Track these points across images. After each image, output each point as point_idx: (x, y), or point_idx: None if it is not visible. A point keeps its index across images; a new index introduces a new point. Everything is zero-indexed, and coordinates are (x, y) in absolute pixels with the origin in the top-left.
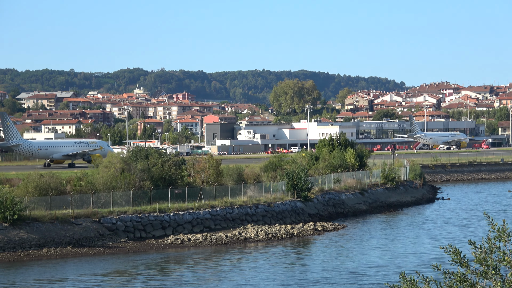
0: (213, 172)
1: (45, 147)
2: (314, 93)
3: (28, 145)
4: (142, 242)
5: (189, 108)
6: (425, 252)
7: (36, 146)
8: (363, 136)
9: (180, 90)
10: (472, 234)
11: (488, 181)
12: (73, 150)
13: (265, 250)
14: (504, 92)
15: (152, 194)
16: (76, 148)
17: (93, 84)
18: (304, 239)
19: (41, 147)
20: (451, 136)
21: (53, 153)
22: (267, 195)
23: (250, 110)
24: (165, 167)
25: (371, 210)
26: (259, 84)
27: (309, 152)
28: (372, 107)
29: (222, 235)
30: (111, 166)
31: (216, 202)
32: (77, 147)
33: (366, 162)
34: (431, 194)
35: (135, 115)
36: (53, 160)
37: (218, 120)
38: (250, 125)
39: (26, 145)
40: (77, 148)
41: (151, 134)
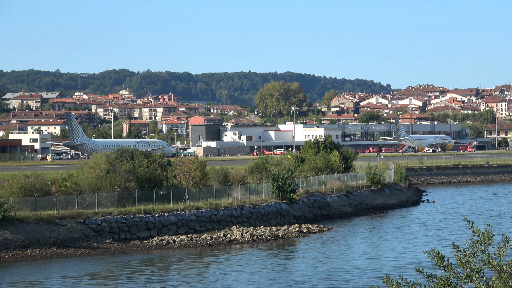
0: (199, 173)
1: (108, 146)
2: (300, 95)
3: (92, 144)
4: (127, 243)
5: (175, 110)
6: (409, 255)
7: (99, 145)
8: (348, 138)
9: (166, 92)
10: (456, 237)
11: (474, 184)
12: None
13: (250, 252)
14: (490, 95)
15: (137, 195)
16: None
17: (79, 85)
18: (289, 241)
19: (105, 146)
20: (436, 138)
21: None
22: (252, 196)
23: (236, 111)
24: (150, 168)
25: (356, 212)
26: (245, 86)
27: (295, 154)
28: (358, 110)
29: (207, 237)
30: (96, 167)
31: (201, 203)
32: (138, 146)
33: (351, 164)
34: (416, 196)
35: (121, 116)
36: None
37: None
38: (236, 126)
39: (91, 144)
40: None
41: (137, 135)
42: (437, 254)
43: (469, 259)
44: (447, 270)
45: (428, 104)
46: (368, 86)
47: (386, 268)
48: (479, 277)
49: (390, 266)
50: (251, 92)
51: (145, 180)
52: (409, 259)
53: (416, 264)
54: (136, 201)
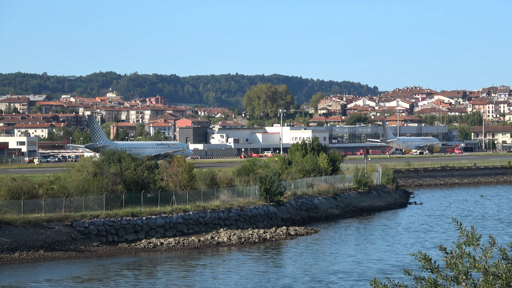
0: (186, 176)
1: (129, 149)
2: (287, 98)
3: (114, 147)
4: (115, 246)
5: (162, 112)
6: (395, 257)
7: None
8: (336, 140)
9: (153, 94)
10: (442, 240)
11: (461, 186)
12: (156, 151)
13: (238, 255)
14: (477, 97)
15: (124, 198)
16: (159, 149)
17: (66, 88)
18: (276, 244)
19: (126, 149)
20: (423, 141)
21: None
22: (240, 199)
23: (223, 114)
24: (138, 171)
25: (344, 214)
26: (232, 88)
27: (282, 156)
28: (345, 112)
29: (194, 239)
30: (84, 170)
31: (189, 206)
32: (159, 148)
33: (339, 167)
34: (403, 198)
35: (108, 119)
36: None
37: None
38: (223, 129)
39: (112, 147)
40: (159, 150)
41: (124, 138)
42: (424, 257)
43: (456, 261)
44: (434, 272)
45: (415, 106)
46: (356, 89)
47: (373, 271)
48: (466, 279)
49: (377, 269)
50: (239, 95)
51: (133, 182)
52: (396, 261)
53: (403, 266)
54: (124, 203)
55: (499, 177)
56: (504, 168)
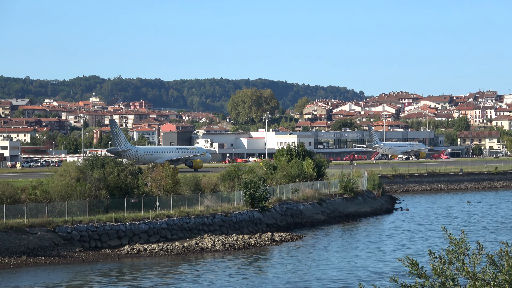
0: (170, 181)
1: (150, 153)
2: (272, 102)
3: (135, 151)
4: (98, 251)
5: (146, 117)
6: (381, 264)
7: (142, 152)
8: (321, 145)
9: (137, 98)
10: (428, 245)
11: (447, 192)
12: (176, 155)
13: (222, 261)
14: (464, 102)
15: (108, 203)
16: (179, 153)
17: (49, 92)
18: (261, 250)
19: (147, 153)
20: (410, 146)
21: (158, 158)
22: (224, 204)
23: (208, 119)
24: (121, 176)
25: (329, 220)
26: (216, 93)
27: (267, 161)
28: (331, 117)
29: (178, 245)
30: (67, 174)
31: (173, 211)
32: (179, 152)
33: (324, 172)
34: (389, 204)
35: (91, 123)
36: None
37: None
38: (208, 134)
39: (133, 151)
40: (179, 154)
41: (108, 143)
42: (411, 261)
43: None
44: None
45: (401, 111)
46: (341, 93)
47: (356, 278)
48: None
49: (362, 275)
50: (223, 99)
51: (116, 188)
52: (381, 267)
53: (386, 273)
54: (107, 209)
55: (485, 183)
56: (491, 174)
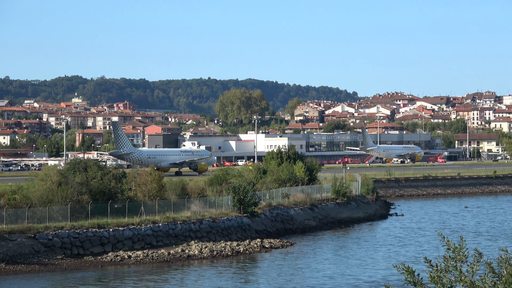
0: (155, 185)
1: (154, 156)
2: (262, 103)
3: (138, 154)
4: (80, 259)
5: (131, 118)
6: (375, 271)
7: (145, 155)
8: (313, 148)
9: (121, 99)
10: (426, 253)
11: (444, 197)
12: (180, 158)
13: (209, 268)
14: (461, 104)
15: (90, 209)
16: (183, 156)
17: (29, 93)
18: (250, 257)
19: (150, 156)
20: (405, 149)
21: (161, 161)
22: (212, 210)
23: (195, 120)
24: (104, 180)
25: (321, 226)
26: (204, 94)
27: (257, 165)
28: (323, 118)
29: (164, 252)
30: (48, 179)
31: (158, 217)
32: (183, 155)
33: (316, 176)
34: (384, 210)
35: (74, 125)
36: (158, 168)
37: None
38: (195, 136)
39: (137, 154)
40: (184, 157)
41: (90, 146)
42: (407, 269)
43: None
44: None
45: (396, 112)
46: (334, 94)
47: (349, 285)
48: None
49: (355, 283)
50: (211, 100)
51: (99, 192)
52: (373, 275)
53: (381, 281)
54: (90, 214)
55: (484, 188)
56: (490, 178)
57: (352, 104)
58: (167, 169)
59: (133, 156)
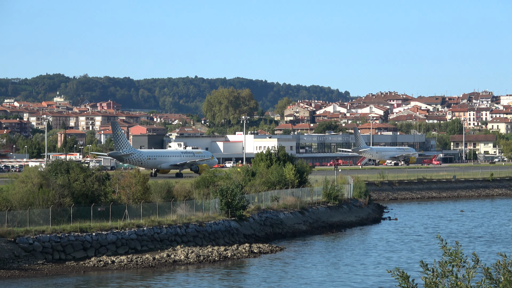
0: (140, 188)
1: (154, 157)
2: (251, 103)
3: (138, 155)
4: (62, 264)
5: (114, 118)
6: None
7: (145, 156)
8: (304, 150)
9: (104, 99)
10: (419, 258)
11: (439, 200)
12: (181, 160)
13: (196, 274)
14: (457, 104)
15: (73, 212)
16: (184, 158)
17: (9, 91)
18: (238, 262)
19: (150, 157)
20: (399, 150)
21: (162, 162)
22: (198, 213)
23: (181, 120)
24: (87, 183)
25: (312, 230)
26: (191, 93)
27: (245, 167)
28: (314, 119)
29: (149, 257)
30: (28, 181)
31: (143, 221)
32: (184, 157)
33: (307, 179)
34: (377, 213)
35: (55, 126)
36: (159, 170)
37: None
38: (181, 137)
39: (136, 155)
40: (185, 158)
41: (73, 146)
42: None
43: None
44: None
45: (390, 113)
46: (325, 94)
47: None
48: None
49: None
50: (198, 100)
51: (82, 195)
52: (364, 281)
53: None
54: (72, 218)
55: (480, 191)
56: (486, 181)
57: (344, 104)
58: (167, 171)
59: (133, 157)
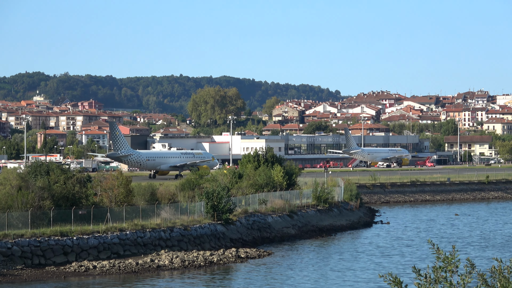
0: (123, 190)
1: (153, 158)
2: (237, 103)
3: (137, 156)
4: (41, 269)
5: (96, 118)
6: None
7: (144, 157)
8: (293, 151)
9: (86, 98)
10: (411, 264)
11: (433, 203)
12: (181, 161)
13: (181, 280)
14: (452, 103)
15: (53, 215)
16: (184, 159)
17: None
18: (225, 267)
19: (149, 158)
20: (391, 152)
21: (161, 164)
22: (183, 217)
23: (166, 121)
24: (68, 185)
25: (301, 234)
26: (175, 92)
27: (232, 168)
28: (303, 119)
29: (132, 262)
30: (7, 183)
31: (126, 224)
32: (183, 158)
33: (296, 181)
34: (368, 217)
35: (35, 126)
36: (158, 171)
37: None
38: (165, 137)
39: (135, 156)
40: (184, 159)
41: (53, 147)
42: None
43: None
44: None
45: (382, 113)
46: (315, 93)
47: None
48: None
49: None
50: (183, 99)
51: (62, 198)
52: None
53: None
54: (52, 221)
55: (476, 194)
56: (482, 184)
57: (334, 104)
58: (166, 172)
59: (132, 158)
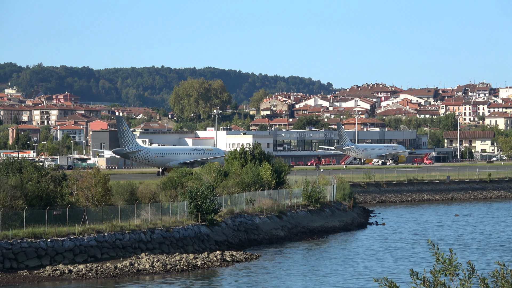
0: (100, 189)
1: (162, 154)
2: (223, 96)
3: (145, 152)
4: (13, 273)
5: (72, 112)
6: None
7: (153, 153)
8: (282, 147)
9: (61, 91)
10: (407, 267)
11: (431, 203)
12: (191, 157)
13: (162, 285)
14: (451, 97)
15: (26, 216)
16: (194, 155)
17: None
18: (209, 271)
19: (158, 154)
20: (387, 148)
21: (170, 160)
22: (165, 218)
23: (146, 115)
24: (41, 183)
25: (291, 236)
26: (156, 84)
27: (217, 166)
28: (293, 113)
29: (110, 266)
30: None
31: (104, 226)
32: (194, 154)
33: (285, 179)
34: (362, 218)
35: (7, 120)
36: (166, 168)
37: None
38: (146, 133)
39: (143, 152)
40: (195, 156)
41: (26, 143)
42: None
43: None
44: None
45: (377, 107)
46: (306, 85)
47: None
48: None
49: None
50: (165, 92)
51: (36, 197)
52: None
53: None
54: (25, 222)
55: (477, 193)
56: (483, 182)
57: (326, 97)
58: None
59: (139, 154)
